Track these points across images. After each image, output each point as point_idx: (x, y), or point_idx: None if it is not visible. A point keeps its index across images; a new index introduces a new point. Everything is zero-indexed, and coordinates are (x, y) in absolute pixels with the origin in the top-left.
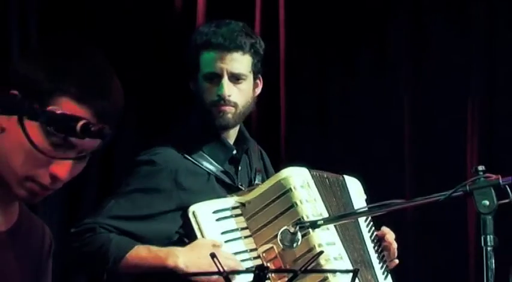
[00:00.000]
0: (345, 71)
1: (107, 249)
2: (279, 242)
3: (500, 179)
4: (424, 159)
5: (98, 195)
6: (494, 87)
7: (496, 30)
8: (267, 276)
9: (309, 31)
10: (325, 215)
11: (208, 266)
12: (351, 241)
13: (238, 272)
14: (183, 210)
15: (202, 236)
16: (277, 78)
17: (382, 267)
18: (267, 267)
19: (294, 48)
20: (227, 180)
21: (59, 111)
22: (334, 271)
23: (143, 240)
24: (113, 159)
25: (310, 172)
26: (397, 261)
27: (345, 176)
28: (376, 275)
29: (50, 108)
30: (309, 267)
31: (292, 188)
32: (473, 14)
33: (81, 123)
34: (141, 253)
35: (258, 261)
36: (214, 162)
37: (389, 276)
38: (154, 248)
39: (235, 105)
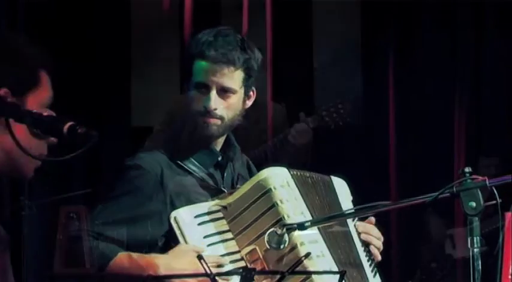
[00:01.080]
0: (333, 72)
1: None
2: (266, 243)
3: (487, 180)
4: (410, 160)
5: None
6: (482, 89)
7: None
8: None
9: (297, 31)
10: (307, 213)
11: (190, 272)
12: (335, 239)
13: (225, 274)
14: (168, 214)
15: (185, 241)
16: (264, 79)
17: (370, 265)
18: (254, 269)
19: (282, 48)
20: (211, 183)
21: (45, 114)
22: (321, 273)
23: (129, 246)
24: (100, 166)
25: (289, 171)
26: (379, 257)
27: (332, 177)
28: (363, 272)
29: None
30: (291, 265)
31: (272, 188)
32: (460, 12)
33: (68, 125)
34: (123, 262)
35: (242, 263)
36: (199, 166)
37: (377, 274)
38: (135, 256)
39: (221, 118)
